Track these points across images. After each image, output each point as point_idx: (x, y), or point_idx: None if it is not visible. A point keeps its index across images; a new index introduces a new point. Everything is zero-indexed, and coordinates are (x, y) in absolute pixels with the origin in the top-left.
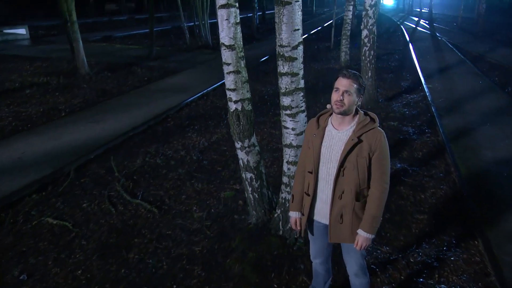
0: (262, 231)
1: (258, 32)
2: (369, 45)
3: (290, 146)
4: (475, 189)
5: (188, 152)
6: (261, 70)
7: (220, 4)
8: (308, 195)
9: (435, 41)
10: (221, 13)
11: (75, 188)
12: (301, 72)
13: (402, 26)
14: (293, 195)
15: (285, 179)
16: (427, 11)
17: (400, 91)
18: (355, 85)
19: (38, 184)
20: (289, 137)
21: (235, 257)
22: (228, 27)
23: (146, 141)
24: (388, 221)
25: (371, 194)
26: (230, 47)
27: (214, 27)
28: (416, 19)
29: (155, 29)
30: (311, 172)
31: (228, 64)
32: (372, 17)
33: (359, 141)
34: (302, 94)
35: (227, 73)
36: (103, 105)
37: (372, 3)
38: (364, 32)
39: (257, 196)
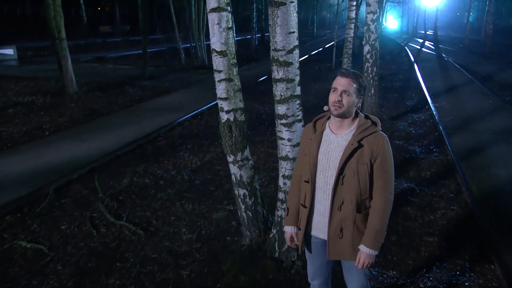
0: (256, 253)
1: (257, 53)
2: (371, 61)
3: (286, 158)
4: (489, 210)
5: (179, 171)
6: (259, 90)
7: (211, 8)
8: (305, 207)
9: (441, 62)
10: (212, 17)
11: (54, 209)
12: (297, 78)
13: (406, 48)
14: (288, 208)
15: (281, 195)
16: (432, 33)
17: (405, 110)
18: (354, 85)
19: (13, 205)
20: (284, 148)
21: (226, 282)
22: (219, 32)
23: (134, 160)
24: (395, 243)
25: (373, 205)
26: (222, 53)
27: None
28: (421, 40)
29: (150, 50)
30: (307, 182)
31: (220, 72)
32: (374, 32)
33: (360, 145)
34: (298, 102)
35: (218, 81)
36: (90, 124)
37: (374, 17)
38: (366, 48)
39: (250, 215)
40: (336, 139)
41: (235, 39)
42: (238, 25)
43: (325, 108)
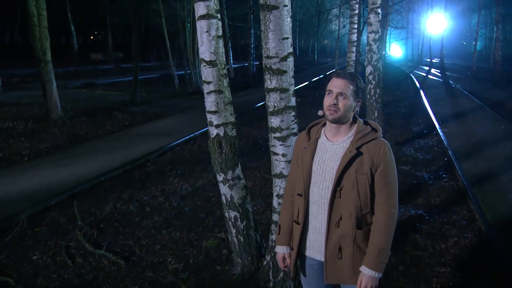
0: (248, 283)
1: (255, 80)
2: (374, 82)
3: (280, 175)
4: (506, 238)
5: (168, 198)
6: (257, 116)
7: (199, 15)
8: (298, 223)
9: (448, 88)
10: (201, 25)
11: (26, 238)
12: (292, 88)
13: (411, 75)
14: (280, 226)
15: (275, 217)
16: (438, 61)
17: (412, 136)
18: (351, 87)
19: None
20: (278, 165)
21: None
22: (208, 40)
23: (119, 186)
24: (403, 274)
25: (376, 221)
26: (211, 63)
27: None
28: (426, 68)
29: (142, 76)
30: (300, 195)
31: (209, 83)
32: (376, 52)
33: (359, 153)
34: (293, 113)
35: (207, 93)
36: (73, 149)
37: (376, 37)
38: (369, 69)
39: (242, 240)
40: (332, 147)
41: (233, 66)
42: (236, 53)
43: (320, 112)
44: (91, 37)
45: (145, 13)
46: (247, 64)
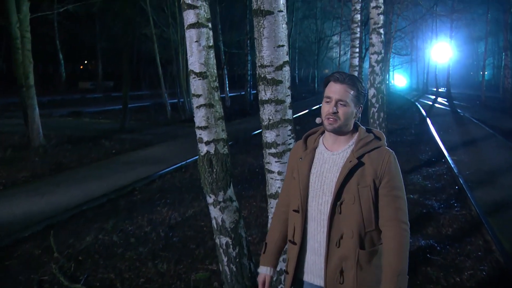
0: None
1: (252, 108)
2: (377, 105)
3: (276, 196)
4: None
5: (155, 228)
6: (253, 143)
7: (189, 24)
8: (294, 243)
9: (456, 117)
10: (190, 34)
11: None
12: (288, 100)
13: (417, 103)
14: (265, 244)
15: None
16: (444, 90)
17: (419, 164)
18: (351, 92)
19: None
20: (274, 184)
21: None
22: (198, 50)
23: (102, 216)
24: None
25: (387, 241)
26: (201, 75)
27: None
28: (432, 97)
29: (133, 105)
30: (297, 211)
31: (198, 96)
32: (379, 74)
33: (360, 163)
34: (290, 127)
35: (197, 107)
36: (54, 178)
37: (379, 58)
38: (371, 91)
39: (234, 269)
40: (331, 157)
41: (229, 94)
42: (232, 82)
43: (318, 120)
44: (81, 66)
45: (136, 38)
46: (243, 92)
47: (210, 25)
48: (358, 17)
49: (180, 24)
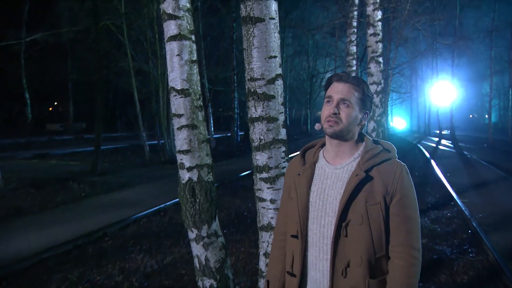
0: None
1: (239, 149)
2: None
3: (268, 227)
4: None
5: (128, 277)
6: (241, 185)
7: (169, 36)
8: (293, 275)
9: (463, 159)
10: (171, 47)
11: None
12: (281, 118)
13: (419, 145)
14: (267, 281)
15: (263, 284)
16: (447, 132)
17: (426, 207)
18: (356, 93)
19: None
20: (266, 214)
21: None
22: (180, 65)
23: (66, 264)
24: None
25: (393, 269)
26: (183, 93)
27: None
28: (436, 139)
29: (107, 146)
30: (295, 236)
31: (180, 116)
32: (379, 106)
33: (368, 177)
34: (283, 149)
35: (178, 128)
36: (11, 224)
37: (378, 89)
38: (371, 125)
39: None
40: (334, 171)
41: (214, 136)
42: (218, 124)
43: (317, 126)
44: (50, 108)
45: (112, 73)
46: (229, 134)
47: (193, 37)
48: (353, 49)
49: (161, 57)
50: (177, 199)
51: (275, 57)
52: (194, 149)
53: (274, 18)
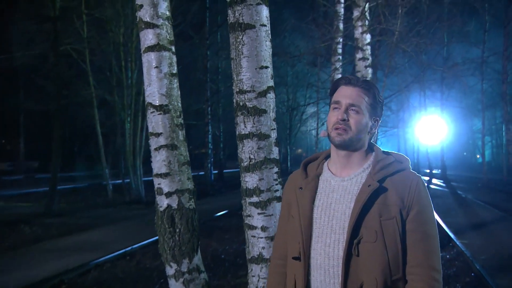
0: None
1: (214, 188)
2: None
3: (259, 259)
4: None
5: None
6: (217, 226)
7: (147, 46)
8: None
9: (458, 199)
10: (148, 59)
11: None
12: (274, 135)
13: None
14: None
15: None
16: (438, 172)
17: None
18: (366, 98)
19: None
20: (257, 243)
21: None
22: (158, 78)
23: None
24: None
25: None
26: (162, 109)
27: (149, 184)
28: (426, 178)
29: (64, 186)
30: (298, 258)
31: (158, 135)
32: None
33: (382, 189)
34: (276, 169)
35: (155, 149)
36: None
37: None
38: None
39: None
40: (341, 184)
41: None
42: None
43: (323, 133)
44: None
45: (71, 104)
46: (203, 173)
47: (173, 49)
48: (339, 77)
49: (127, 87)
50: (146, 242)
51: (266, 67)
52: (174, 172)
53: (265, 25)
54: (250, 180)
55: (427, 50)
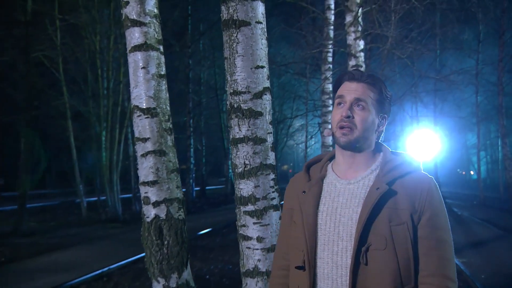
0: None
1: (196, 206)
2: None
3: (255, 273)
4: None
5: None
6: (200, 245)
7: (133, 45)
8: None
9: (454, 216)
10: (135, 59)
11: None
12: (270, 139)
13: None
14: None
15: None
16: None
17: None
18: (372, 94)
19: None
20: (252, 256)
21: None
22: (146, 79)
23: None
24: None
25: None
26: (149, 112)
27: (127, 201)
28: None
29: (34, 204)
30: (302, 268)
31: (145, 140)
32: None
33: (391, 192)
34: (272, 176)
35: (142, 155)
36: None
37: None
38: None
39: None
40: (347, 187)
41: None
42: None
43: (326, 132)
44: None
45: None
46: (184, 189)
47: (161, 48)
48: (330, 87)
49: (103, 97)
50: (124, 261)
51: (262, 67)
52: (162, 180)
53: (261, 22)
54: (245, 187)
55: (420, 59)
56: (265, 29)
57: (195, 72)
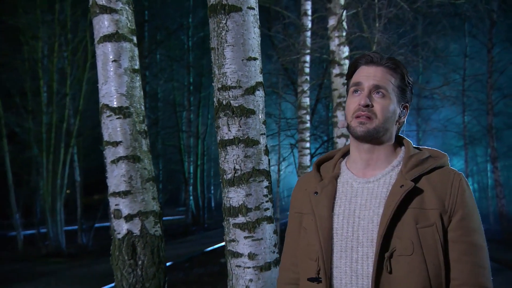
0: None
1: (166, 234)
2: None
3: None
4: None
5: None
6: (168, 278)
7: (103, 35)
8: None
9: None
10: (105, 50)
11: None
12: (263, 141)
13: None
14: None
15: None
16: None
17: None
18: (393, 80)
19: None
20: (243, 275)
21: None
22: (117, 74)
23: None
24: None
25: None
26: (121, 112)
27: (72, 234)
28: None
29: None
30: (316, 280)
31: (116, 144)
32: None
33: (417, 190)
34: (266, 183)
35: (112, 161)
36: None
37: (348, 143)
38: None
39: None
40: (365, 186)
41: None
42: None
43: (341, 124)
44: None
45: None
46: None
47: (135, 39)
48: (307, 101)
49: (46, 114)
50: None
51: (255, 59)
52: (136, 190)
53: (253, 8)
54: (234, 196)
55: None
56: (258, 16)
57: (151, 87)
